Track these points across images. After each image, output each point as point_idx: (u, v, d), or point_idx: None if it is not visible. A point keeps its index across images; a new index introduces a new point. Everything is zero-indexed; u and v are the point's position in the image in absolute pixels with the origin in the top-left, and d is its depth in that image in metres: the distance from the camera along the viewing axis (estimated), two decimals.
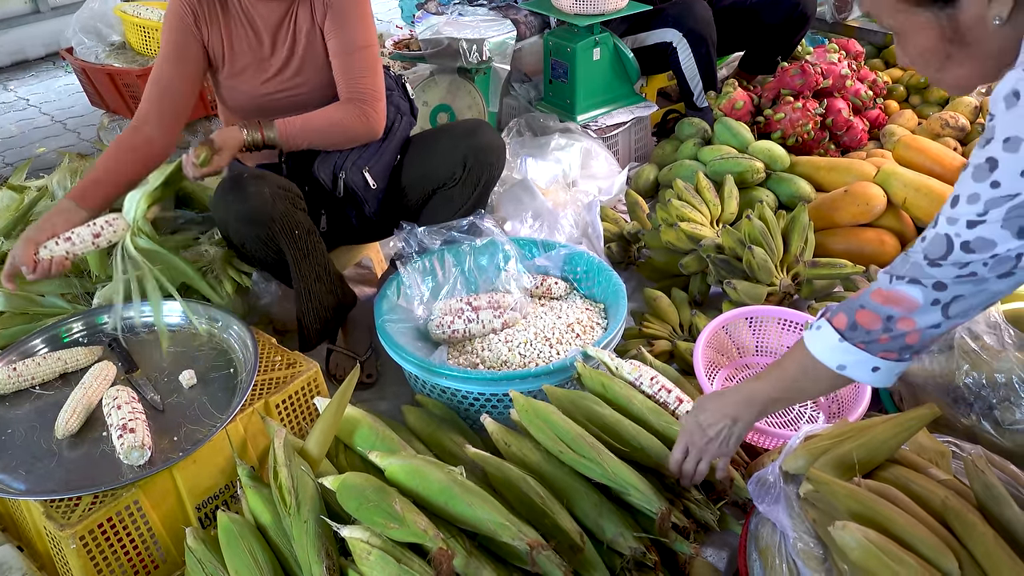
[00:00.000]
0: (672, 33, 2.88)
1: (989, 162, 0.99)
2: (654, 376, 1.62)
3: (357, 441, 1.54)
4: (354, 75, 1.87)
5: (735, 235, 2.07)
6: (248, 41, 1.89)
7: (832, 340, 1.19)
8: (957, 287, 1.07)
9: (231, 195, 1.75)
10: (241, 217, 1.75)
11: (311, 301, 1.89)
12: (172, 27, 1.86)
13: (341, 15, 1.86)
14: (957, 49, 1.06)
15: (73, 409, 1.52)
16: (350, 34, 1.87)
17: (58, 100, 4.04)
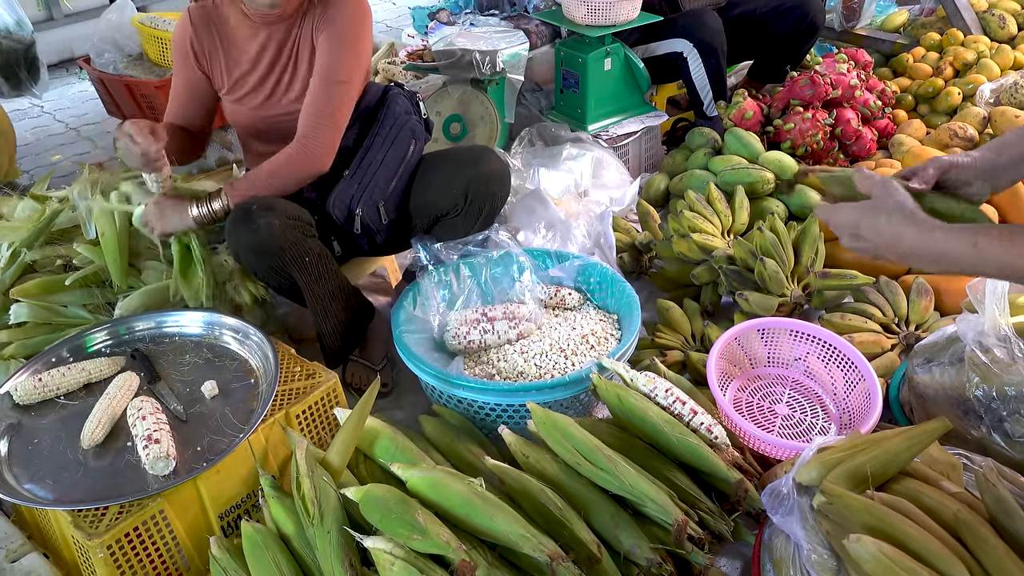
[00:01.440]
0: (682, 43, 2.91)
1: None
2: (669, 388, 1.64)
3: (377, 452, 1.56)
4: (318, 107, 1.84)
5: (746, 246, 2.09)
6: (247, 67, 1.92)
7: None
8: None
9: (241, 226, 1.78)
10: (251, 248, 1.78)
11: (328, 320, 1.93)
12: (178, 65, 1.94)
13: (333, 40, 1.84)
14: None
15: (98, 419, 1.55)
16: (334, 63, 1.84)
17: (72, 107, 4.07)
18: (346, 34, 1.84)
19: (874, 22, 3.74)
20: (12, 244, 2.02)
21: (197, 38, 1.90)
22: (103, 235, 2.00)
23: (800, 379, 1.92)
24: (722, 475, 1.52)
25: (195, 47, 1.91)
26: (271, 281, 1.91)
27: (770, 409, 1.85)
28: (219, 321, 1.83)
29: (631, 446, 1.58)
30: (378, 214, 1.93)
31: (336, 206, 1.94)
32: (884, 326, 2.04)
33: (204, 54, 1.92)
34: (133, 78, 2.58)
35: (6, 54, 2.77)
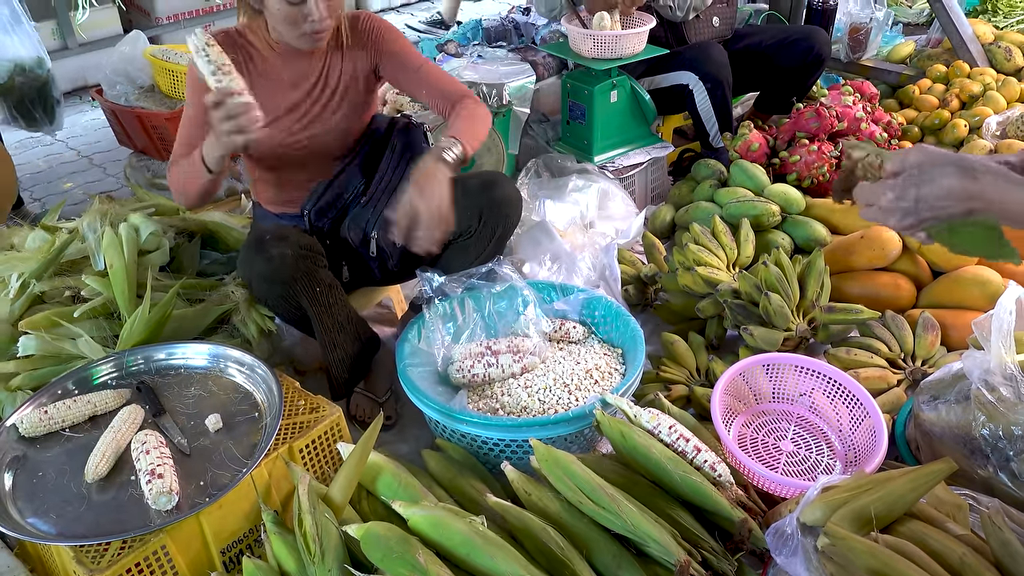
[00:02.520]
0: (688, 76, 2.93)
1: None
2: (672, 425, 1.64)
3: (380, 488, 1.56)
4: (441, 84, 1.98)
5: (751, 280, 2.09)
6: (278, 96, 1.93)
7: None
8: None
9: (254, 256, 1.80)
10: (264, 277, 1.81)
11: (335, 351, 1.94)
12: (195, 89, 1.86)
13: (396, 54, 1.99)
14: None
15: (103, 453, 1.56)
16: (411, 61, 1.99)
17: (84, 135, 4.12)
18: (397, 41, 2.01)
19: (880, 53, 3.76)
20: (22, 275, 2.04)
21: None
22: (111, 267, 2.02)
23: (805, 415, 1.91)
24: (725, 514, 1.51)
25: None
26: (281, 310, 1.93)
27: (775, 446, 1.84)
28: (225, 354, 1.84)
29: (634, 483, 1.58)
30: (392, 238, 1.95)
31: (352, 229, 1.99)
32: (890, 361, 2.03)
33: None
34: (144, 110, 2.62)
35: (20, 91, 2.82)
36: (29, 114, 2.90)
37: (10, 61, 2.78)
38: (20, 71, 2.80)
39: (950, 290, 2.20)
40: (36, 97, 2.88)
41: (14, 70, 2.79)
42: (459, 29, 3.53)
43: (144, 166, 2.81)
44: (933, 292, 2.25)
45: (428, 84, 1.98)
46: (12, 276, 2.04)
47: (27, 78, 2.82)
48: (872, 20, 3.63)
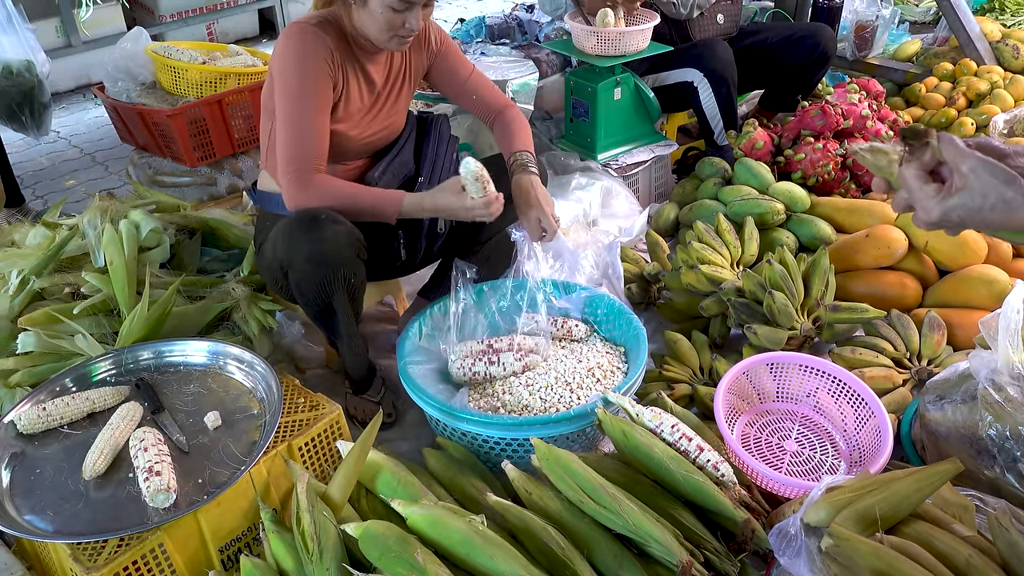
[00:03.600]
0: (693, 73, 2.91)
1: None
2: (675, 424, 1.62)
3: (379, 487, 1.55)
4: (487, 93, 2.11)
5: (755, 279, 2.08)
6: (362, 89, 1.92)
7: None
8: None
9: (308, 233, 1.73)
10: (312, 258, 1.73)
11: (354, 344, 1.93)
12: (314, 75, 1.79)
13: (449, 60, 2.07)
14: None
15: (100, 450, 1.55)
16: (463, 69, 2.10)
17: (87, 133, 4.12)
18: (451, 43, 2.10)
19: (886, 51, 3.74)
20: (21, 272, 2.03)
21: (333, 55, 1.82)
22: (111, 263, 2.01)
23: (810, 414, 1.89)
24: (728, 514, 1.49)
25: (334, 68, 1.82)
26: (311, 297, 1.80)
27: (779, 445, 1.82)
28: (224, 351, 1.82)
29: (636, 483, 1.56)
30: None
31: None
32: (896, 360, 2.01)
33: (337, 74, 1.84)
34: (146, 106, 2.61)
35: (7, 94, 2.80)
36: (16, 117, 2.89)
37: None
38: (7, 74, 2.79)
39: (956, 289, 2.18)
40: (23, 100, 2.86)
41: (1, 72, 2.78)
42: (463, 26, 3.52)
43: (146, 163, 2.80)
44: (939, 291, 2.23)
45: (476, 92, 2.09)
46: (12, 272, 2.04)
47: (14, 81, 2.81)
48: (878, 18, 3.60)
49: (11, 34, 2.81)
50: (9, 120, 2.90)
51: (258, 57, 2.92)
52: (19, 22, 2.86)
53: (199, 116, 2.59)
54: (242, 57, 2.85)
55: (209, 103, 2.60)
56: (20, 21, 2.87)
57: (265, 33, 5.42)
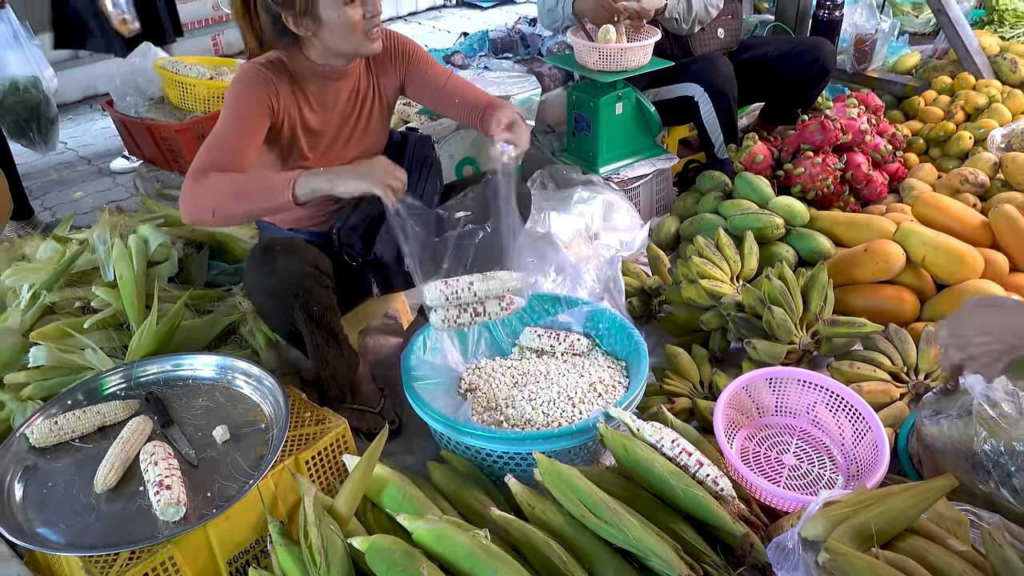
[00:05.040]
0: (694, 88, 2.94)
1: None
2: (675, 439, 1.65)
3: (384, 500, 1.58)
4: (468, 95, 2.02)
5: (755, 293, 2.11)
6: (325, 119, 1.92)
7: None
8: None
9: (261, 267, 1.80)
10: (265, 290, 1.81)
11: (327, 368, 1.96)
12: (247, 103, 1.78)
13: (422, 71, 2.03)
14: None
15: (111, 464, 1.58)
16: (438, 77, 2.04)
17: (95, 144, 4.16)
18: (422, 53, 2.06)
19: (886, 63, 3.77)
20: (33, 286, 2.07)
21: (277, 94, 1.81)
22: (121, 278, 2.05)
23: (808, 428, 1.92)
24: (727, 528, 1.52)
25: (272, 102, 1.81)
26: (276, 324, 1.94)
27: (777, 459, 1.85)
28: (232, 365, 1.85)
29: (636, 497, 1.59)
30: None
31: (386, 253, 2.00)
32: (893, 375, 2.04)
33: (281, 108, 1.83)
34: (154, 121, 2.65)
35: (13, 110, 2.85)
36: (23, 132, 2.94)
37: (5, 80, 2.82)
38: (14, 90, 2.84)
39: (954, 304, 2.20)
40: (30, 116, 2.91)
41: (8, 88, 2.82)
42: (466, 40, 3.56)
43: (153, 176, 2.84)
44: (937, 305, 2.26)
45: (456, 97, 2.02)
46: (23, 287, 2.08)
47: (20, 97, 2.86)
48: (877, 31, 3.64)
49: (17, 50, 2.86)
50: (17, 135, 2.94)
51: None
52: (25, 38, 2.90)
53: (206, 130, 2.62)
54: None
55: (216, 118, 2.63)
56: (26, 37, 2.91)
57: None
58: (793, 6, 3.69)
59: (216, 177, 1.68)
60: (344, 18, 1.74)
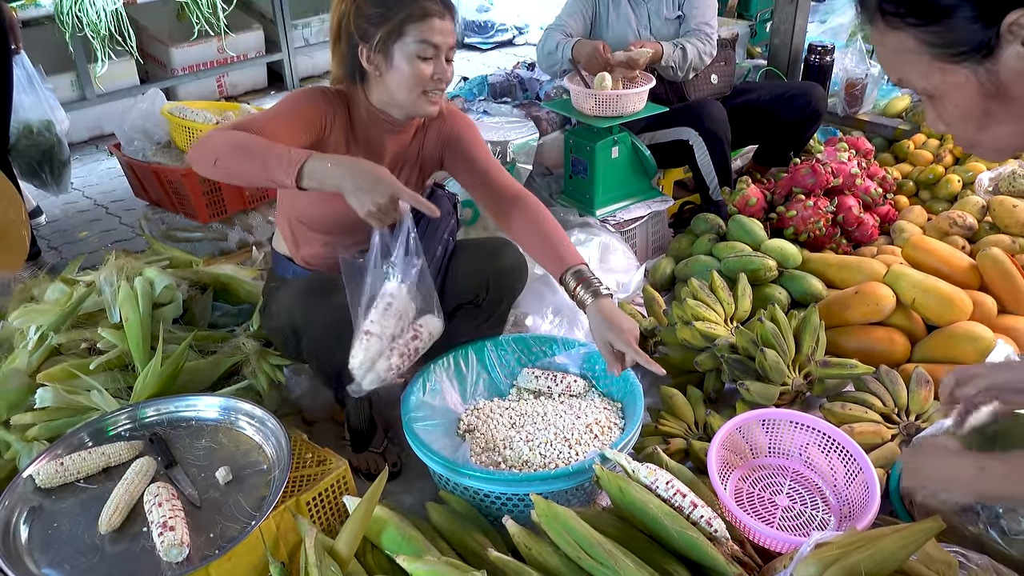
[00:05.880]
0: (689, 132, 3.02)
1: None
2: (670, 480, 1.68)
3: (384, 541, 1.60)
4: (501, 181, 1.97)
5: (748, 335, 2.15)
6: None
7: None
8: None
9: (317, 301, 1.77)
10: (329, 327, 1.75)
11: (360, 408, 2.00)
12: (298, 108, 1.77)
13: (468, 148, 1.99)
14: (999, 105, 0.98)
15: (116, 505, 1.61)
16: (481, 158, 1.99)
17: (100, 184, 4.23)
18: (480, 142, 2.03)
19: (876, 107, 3.86)
20: (40, 327, 2.11)
21: (334, 118, 1.83)
22: (127, 320, 2.09)
23: (801, 469, 1.95)
24: (721, 569, 1.54)
25: (326, 122, 1.82)
26: (324, 361, 1.84)
27: (770, 500, 1.87)
28: (235, 406, 1.89)
29: (632, 538, 1.62)
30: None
31: None
32: (884, 416, 2.07)
33: (330, 134, 1.84)
34: (161, 165, 2.71)
35: (27, 152, 2.91)
36: (36, 174, 3.00)
37: (19, 123, 2.89)
38: (27, 133, 2.90)
39: (943, 345, 2.25)
40: (43, 159, 2.97)
41: (21, 131, 2.89)
42: (466, 85, 3.64)
43: (159, 218, 2.90)
44: (927, 347, 2.30)
45: (491, 184, 1.97)
46: (31, 328, 2.12)
47: (34, 140, 2.92)
48: (867, 75, 3.73)
49: (31, 94, 2.93)
50: (30, 177, 3.00)
51: None
52: (38, 82, 2.98)
53: None
54: None
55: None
56: (39, 81, 2.99)
57: (273, 85, 5.58)
58: (785, 51, 3.79)
59: (232, 132, 1.63)
60: (413, 69, 1.75)
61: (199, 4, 4.59)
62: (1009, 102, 0.97)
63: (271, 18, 5.31)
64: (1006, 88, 0.96)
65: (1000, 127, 1.00)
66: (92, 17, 4.21)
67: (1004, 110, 0.98)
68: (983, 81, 0.96)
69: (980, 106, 0.99)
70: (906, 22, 0.97)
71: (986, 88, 0.97)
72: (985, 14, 0.92)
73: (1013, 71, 0.94)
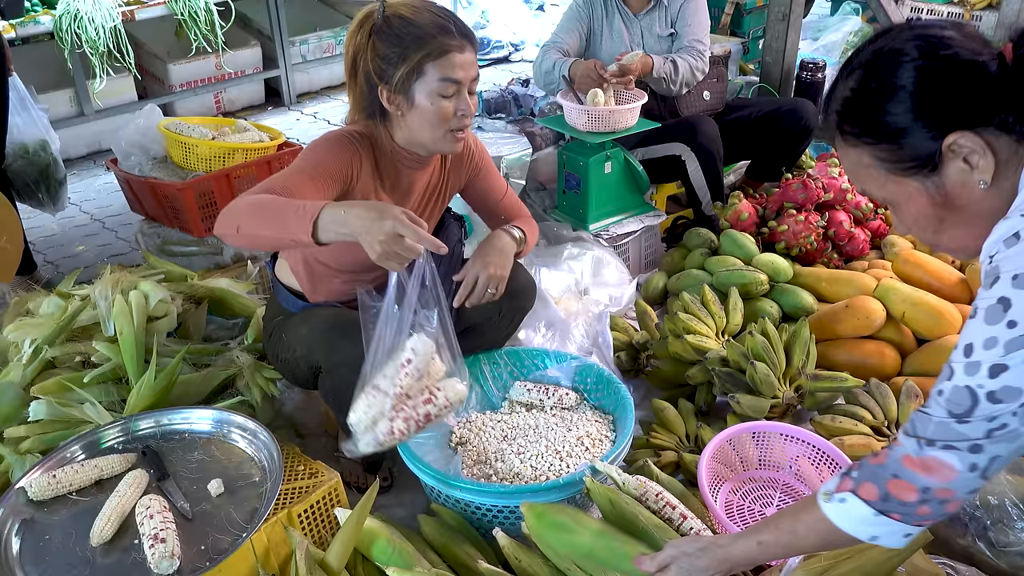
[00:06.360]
0: (681, 147, 3.04)
1: (1001, 302, 0.95)
2: (659, 492, 1.69)
3: (375, 553, 1.61)
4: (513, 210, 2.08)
5: (739, 349, 2.16)
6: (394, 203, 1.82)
7: (864, 513, 1.10)
8: (992, 447, 0.99)
9: (340, 341, 1.76)
10: (355, 367, 1.62)
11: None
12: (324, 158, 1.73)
13: (487, 179, 2.06)
14: (949, 213, 1.08)
15: (108, 517, 1.61)
16: (498, 188, 2.09)
17: (97, 199, 4.25)
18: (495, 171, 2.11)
19: None
20: (35, 341, 2.12)
21: (360, 163, 1.77)
22: (121, 333, 2.10)
23: (791, 482, 1.96)
24: None
25: (352, 169, 1.76)
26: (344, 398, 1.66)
27: (761, 512, 1.88)
28: (228, 419, 1.90)
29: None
30: None
31: None
32: (875, 428, 2.08)
33: (357, 182, 1.78)
34: (158, 180, 2.73)
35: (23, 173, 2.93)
36: (32, 194, 3.02)
37: (14, 143, 2.91)
38: (23, 153, 2.92)
39: (933, 358, 2.27)
40: (39, 179, 2.99)
41: (17, 151, 2.91)
42: None
43: (155, 233, 2.92)
44: (917, 360, 2.31)
45: (504, 212, 2.05)
46: (26, 342, 2.13)
47: (29, 161, 2.94)
48: None
49: (24, 115, 2.95)
50: (27, 197, 3.02)
51: (265, 132, 3.06)
52: (31, 103, 3.00)
53: (208, 189, 2.72)
54: (250, 133, 2.99)
55: (217, 177, 2.73)
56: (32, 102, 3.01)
57: (270, 101, 5.61)
58: (777, 68, 3.82)
59: (253, 196, 1.59)
60: (436, 108, 1.71)
61: (197, 21, 4.62)
62: (957, 210, 1.08)
63: (269, 35, 5.34)
64: (952, 199, 1.07)
65: (954, 230, 1.11)
66: (91, 34, 4.24)
67: (954, 217, 1.09)
68: (931, 192, 1.08)
69: (933, 213, 1.10)
70: (862, 141, 1.10)
71: (935, 198, 1.08)
72: (929, 137, 1.04)
73: (956, 184, 1.06)
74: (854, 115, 1.10)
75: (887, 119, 1.06)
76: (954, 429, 1.01)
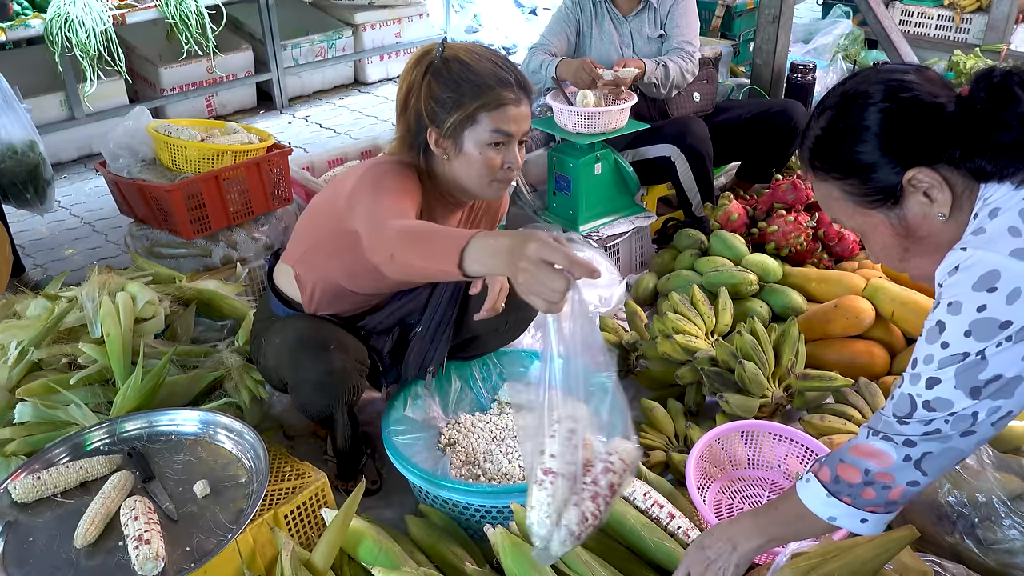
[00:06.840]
0: (671, 149, 3.05)
1: (939, 324, 1.09)
2: (647, 492, 1.68)
3: (361, 554, 1.60)
4: None
5: (728, 348, 2.16)
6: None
7: (821, 494, 1.25)
8: (925, 444, 1.14)
9: (314, 362, 1.78)
10: (319, 386, 1.79)
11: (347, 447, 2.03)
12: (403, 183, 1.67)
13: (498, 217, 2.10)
14: (912, 243, 1.19)
15: (92, 519, 1.60)
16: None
17: (87, 202, 4.23)
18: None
19: None
20: (21, 343, 2.11)
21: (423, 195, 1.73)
22: (108, 335, 2.08)
23: (780, 481, 1.96)
24: None
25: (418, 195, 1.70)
26: (315, 411, 1.91)
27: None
28: (215, 420, 1.89)
29: (610, 549, 1.62)
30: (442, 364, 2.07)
31: (411, 368, 2.05)
32: None
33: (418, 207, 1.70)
34: (146, 182, 2.72)
35: (10, 173, 2.92)
36: (20, 195, 3.00)
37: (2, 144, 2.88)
38: (11, 153, 2.90)
39: None
40: (27, 179, 2.97)
41: (4, 152, 2.89)
42: None
43: (144, 235, 2.90)
44: (906, 359, 2.31)
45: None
46: (12, 343, 2.11)
47: (17, 161, 2.92)
48: None
49: (11, 115, 2.93)
50: (14, 197, 3.00)
51: (255, 134, 3.04)
52: (16, 103, 2.98)
53: (196, 191, 2.70)
54: (239, 135, 2.98)
55: (206, 179, 2.71)
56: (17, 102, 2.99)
57: (262, 105, 5.60)
58: (768, 71, 3.83)
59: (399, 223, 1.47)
60: (484, 158, 1.67)
61: (188, 24, 4.60)
62: (919, 240, 1.19)
63: (260, 39, 5.33)
64: (914, 230, 1.18)
65: (918, 259, 1.21)
66: (81, 37, 4.22)
67: (917, 247, 1.20)
68: (895, 224, 1.19)
69: (897, 243, 1.21)
70: (831, 176, 1.21)
71: (898, 229, 1.19)
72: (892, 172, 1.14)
73: (918, 216, 1.17)
74: (824, 152, 1.21)
75: (853, 157, 1.16)
76: (895, 427, 1.17)
